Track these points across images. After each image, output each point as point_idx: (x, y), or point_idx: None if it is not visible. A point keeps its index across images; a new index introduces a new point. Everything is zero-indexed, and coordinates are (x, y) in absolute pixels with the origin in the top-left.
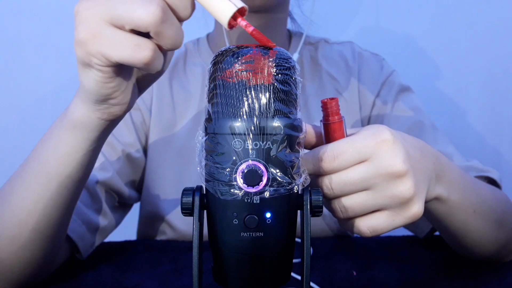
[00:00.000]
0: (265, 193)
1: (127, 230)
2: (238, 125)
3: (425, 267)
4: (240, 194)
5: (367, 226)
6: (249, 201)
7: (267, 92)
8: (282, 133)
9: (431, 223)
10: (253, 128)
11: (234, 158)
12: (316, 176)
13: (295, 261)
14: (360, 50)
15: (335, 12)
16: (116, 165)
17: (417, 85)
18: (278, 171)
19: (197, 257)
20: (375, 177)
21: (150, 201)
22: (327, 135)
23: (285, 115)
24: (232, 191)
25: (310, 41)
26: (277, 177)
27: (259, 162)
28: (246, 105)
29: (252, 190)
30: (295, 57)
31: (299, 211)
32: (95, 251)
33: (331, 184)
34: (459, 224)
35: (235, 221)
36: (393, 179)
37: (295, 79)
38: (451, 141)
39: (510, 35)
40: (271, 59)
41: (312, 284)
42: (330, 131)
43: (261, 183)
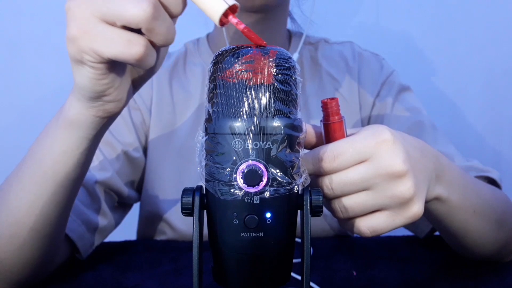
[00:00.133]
0: (265, 193)
1: (127, 230)
2: (238, 125)
3: (425, 267)
4: (240, 194)
5: (367, 226)
6: (249, 201)
7: (267, 92)
8: (282, 133)
9: (431, 223)
10: (253, 128)
11: (234, 158)
12: (316, 176)
13: (295, 261)
14: (360, 50)
15: (335, 12)
16: (115, 165)
17: (417, 85)
18: (278, 171)
19: (197, 257)
20: (375, 177)
21: (150, 201)
22: (327, 135)
23: (285, 115)
24: (232, 191)
25: (310, 41)
26: (277, 177)
27: (259, 162)
28: (246, 105)
29: (252, 190)
30: (295, 57)
31: (299, 211)
32: (95, 251)
33: (331, 184)
34: (459, 224)
35: (235, 221)
36: (393, 179)
37: (295, 79)
38: (451, 141)
39: (510, 35)
40: (271, 59)
41: (312, 284)
42: (330, 131)
43: (261, 183)
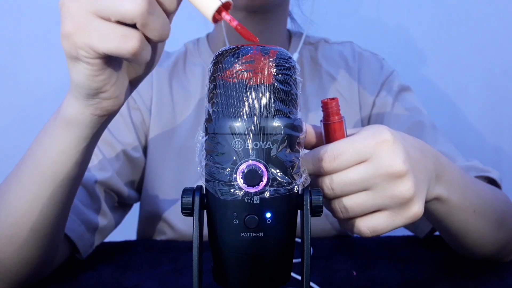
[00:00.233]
0: (265, 193)
1: (127, 230)
2: (238, 125)
3: (425, 267)
4: (240, 194)
5: (367, 226)
6: (249, 201)
7: (267, 92)
8: (282, 133)
9: (431, 223)
10: (253, 128)
11: (234, 158)
12: (316, 176)
13: (295, 261)
14: (360, 50)
15: (335, 12)
16: (115, 165)
17: (417, 85)
18: (278, 171)
19: (197, 257)
20: (375, 177)
21: (150, 201)
22: (327, 135)
23: (285, 115)
24: (232, 191)
25: (310, 41)
26: (277, 177)
27: (259, 162)
28: (246, 105)
29: (252, 190)
30: (295, 57)
31: (299, 211)
32: (95, 251)
33: (331, 184)
34: (459, 224)
35: (235, 221)
36: (393, 179)
37: (295, 79)
38: (451, 141)
39: (510, 35)
40: (271, 59)
41: (312, 284)
42: (330, 131)
43: (261, 183)
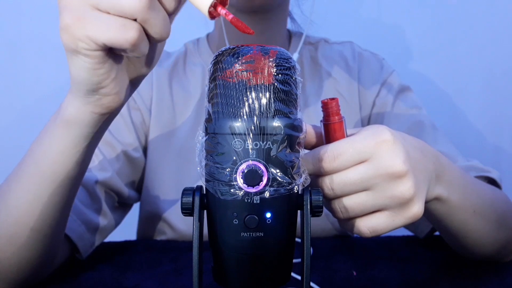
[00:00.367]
0: (265, 193)
1: (127, 230)
2: (238, 125)
3: (425, 267)
4: (240, 194)
5: (367, 226)
6: (249, 201)
7: (267, 92)
8: (282, 133)
9: (431, 223)
10: (253, 128)
11: (234, 158)
12: (316, 176)
13: (295, 261)
14: (360, 50)
15: (335, 12)
16: (115, 165)
17: (417, 85)
18: (278, 171)
19: (197, 257)
20: (375, 177)
21: (150, 201)
22: (327, 135)
23: (285, 115)
24: (232, 191)
25: (310, 41)
26: (277, 177)
27: (259, 162)
28: (246, 105)
29: (252, 190)
30: (295, 57)
31: (299, 211)
32: (95, 251)
33: (331, 184)
34: (459, 224)
35: (235, 221)
36: (393, 179)
37: (295, 79)
38: (451, 141)
39: (510, 35)
40: (271, 59)
41: (312, 284)
42: (330, 131)
43: (261, 183)
